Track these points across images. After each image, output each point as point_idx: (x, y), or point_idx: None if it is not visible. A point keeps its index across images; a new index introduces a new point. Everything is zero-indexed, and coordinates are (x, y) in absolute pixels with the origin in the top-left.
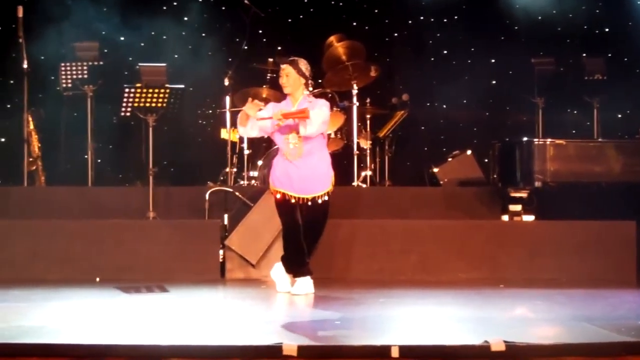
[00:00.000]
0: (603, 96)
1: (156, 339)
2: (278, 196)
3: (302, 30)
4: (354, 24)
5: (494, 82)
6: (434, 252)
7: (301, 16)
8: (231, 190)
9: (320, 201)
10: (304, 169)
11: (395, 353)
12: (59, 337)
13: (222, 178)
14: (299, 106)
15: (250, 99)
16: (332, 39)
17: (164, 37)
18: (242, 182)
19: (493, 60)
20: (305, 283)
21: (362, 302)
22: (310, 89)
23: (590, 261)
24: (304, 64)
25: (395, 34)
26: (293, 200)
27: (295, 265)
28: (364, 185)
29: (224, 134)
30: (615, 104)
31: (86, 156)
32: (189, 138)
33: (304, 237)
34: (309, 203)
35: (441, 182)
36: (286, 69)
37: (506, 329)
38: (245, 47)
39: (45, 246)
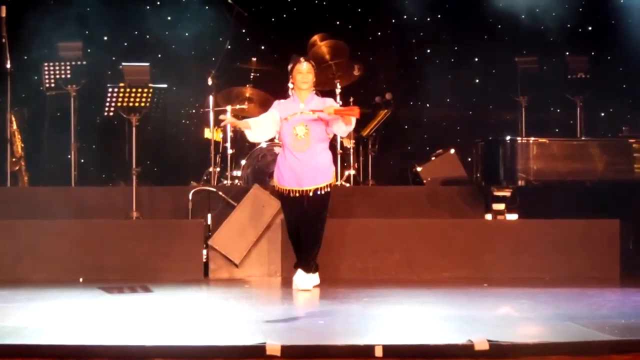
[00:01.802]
0: (586, 95)
1: (140, 339)
2: (283, 193)
3: (286, 29)
4: (337, 23)
5: (477, 80)
6: (417, 251)
7: (284, 15)
8: (214, 189)
9: (321, 192)
10: (307, 162)
11: (379, 352)
12: (42, 338)
13: (205, 177)
14: (306, 103)
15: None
16: (315, 38)
17: (147, 36)
18: (225, 182)
19: (476, 59)
20: (310, 277)
21: (345, 301)
22: (290, 85)
23: (573, 260)
24: None
25: (379, 33)
26: (298, 195)
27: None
28: (348, 185)
29: (208, 133)
30: (599, 103)
31: (69, 156)
32: (173, 138)
33: (303, 232)
34: (311, 194)
35: (424, 181)
36: (311, 68)
37: (490, 328)
38: (229, 47)
39: (29, 246)
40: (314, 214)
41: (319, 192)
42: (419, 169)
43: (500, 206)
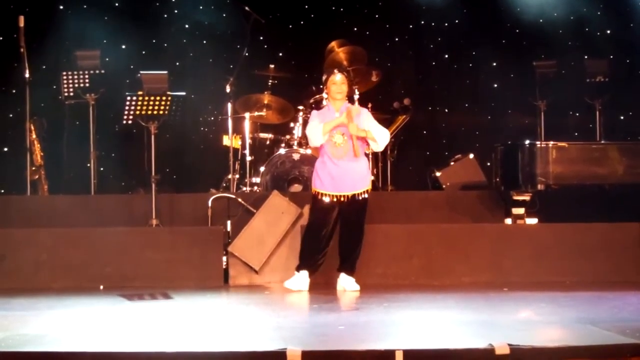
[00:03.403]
0: (605, 98)
1: (160, 346)
2: (319, 197)
3: (303, 36)
4: (355, 29)
5: (495, 85)
6: (437, 256)
7: (302, 22)
8: (234, 196)
9: (360, 198)
10: (346, 168)
11: (399, 357)
12: (62, 345)
13: (224, 185)
14: (341, 112)
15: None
16: (333, 44)
17: (165, 44)
18: (244, 189)
19: (495, 64)
20: (301, 279)
21: (365, 307)
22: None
23: (594, 263)
24: None
25: (397, 39)
26: (335, 200)
27: (303, 260)
28: None
29: (226, 140)
30: (618, 106)
31: (89, 164)
32: (191, 145)
33: (344, 237)
34: (349, 200)
35: (444, 186)
36: (344, 79)
37: (510, 332)
38: (247, 54)
39: (49, 255)
40: (354, 220)
41: (357, 198)
42: (438, 174)
43: (520, 210)
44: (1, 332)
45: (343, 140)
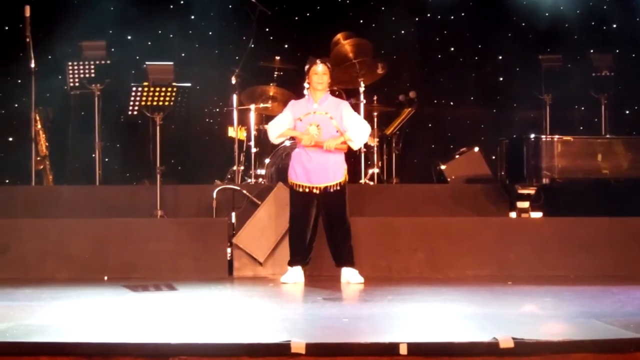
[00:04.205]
0: (611, 92)
1: (164, 337)
2: (294, 188)
3: (309, 28)
4: (361, 21)
5: (501, 79)
6: (441, 250)
7: (308, 14)
8: (238, 188)
9: (332, 191)
10: (319, 160)
11: (403, 350)
12: (67, 336)
13: (229, 176)
14: (320, 103)
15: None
16: (339, 36)
17: (171, 35)
18: (249, 180)
19: (500, 57)
20: (294, 273)
21: (369, 300)
22: (306, 85)
23: (598, 258)
24: None
25: (402, 32)
26: (307, 190)
27: (292, 255)
28: (372, 183)
29: (231, 132)
30: (624, 100)
31: (94, 155)
32: (196, 136)
33: (329, 232)
34: (322, 192)
35: (449, 179)
36: (326, 69)
37: (515, 326)
38: (252, 45)
39: (54, 245)
40: (334, 213)
41: (330, 190)
42: (443, 167)
43: (525, 204)
44: (6, 323)
45: (318, 131)
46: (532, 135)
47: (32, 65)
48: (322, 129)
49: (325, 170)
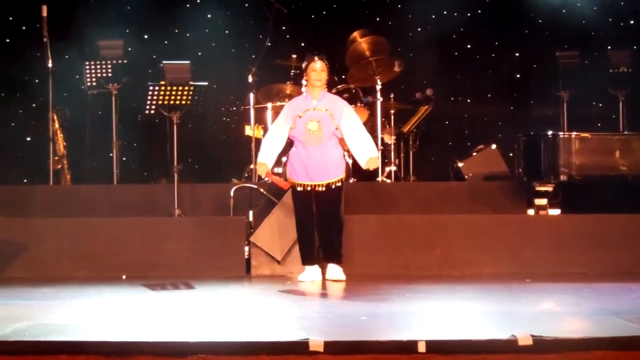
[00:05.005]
0: (629, 89)
1: (182, 335)
2: (295, 187)
3: (325, 26)
4: (377, 19)
5: (518, 75)
6: (459, 247)
7: (324, 12)
8: (256, 186)
9: (333, 187)
10: (319, 157)
11: (422, 348)
12: (86, 335)
13: (246, 175)
14: (319, 100)
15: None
16: (355, 34)
17: (188, 34)
18: (266, 179)
19: (517, 54)
20: (311, 271)
21: (388, 298)
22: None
23: (617, 254)
24: None
25: (419, 29)
26: (309, 188)
27: (304, 254)
28: (389, 181)
29: (248, 130)
30: None
31: (111, 154)
32: (213, 135)
33: (321, 227)
34: (323, 189)
35: (466, 177)
36: (324, 66)
37: (533, 323)
38: (269, 44)
39: (72, 244)
40: (329, 208)
41: (332, 187)
42: (460, 164)
43: (543, 201)
44: (24, 322)
45: (318, 127)
46: (550, 132)
47: (50, 65)
48: (322, 125)
49: (327, 167)
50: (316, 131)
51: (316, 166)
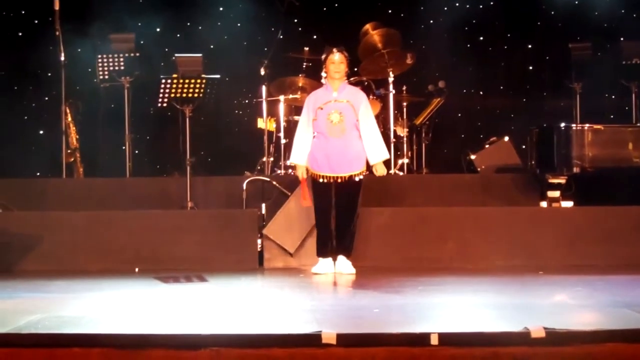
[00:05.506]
0: None
1: (195, 328)
2: (316, 178)
3: (338, 18)
4: (390, 11)
5: (530, 67)
6: (472, 240)
7: (336, 4)
8: (268, 179)
9: (356, 179)
10: (342, 148)
11: (434, 340)
12: (100, 327)
13: (259, 167)
14: (339, 91)
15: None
16: (367, 27)
17: (200, 27)
18: (279, 172)
19: (530, 46)
20: (325, 263)
21: (400, 290)
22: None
23: (630, 247)
24: None
25: (431, 21)
26: (331, 181)
27: (320, 245)
28: (401, 173)
29: (261, 123)
30: None
31: (124, 147)
32: (226, 128)
33: (337, 218)
34: (345, 181)
35: (478, 169)
36: (343, 58)
37: (546, 316)
38: (281, 37)
39: (85, 237)
40: (347, 200)
41: (355, 179)
42: (473, 157)
43: (555, 193)
44: (39, 314)
45: (340, 119)
46: (563, 124)
47: (62, 58)
48: (344, 116)
49: (349, 159)
50: (338, 123)
51: (338, 157)
